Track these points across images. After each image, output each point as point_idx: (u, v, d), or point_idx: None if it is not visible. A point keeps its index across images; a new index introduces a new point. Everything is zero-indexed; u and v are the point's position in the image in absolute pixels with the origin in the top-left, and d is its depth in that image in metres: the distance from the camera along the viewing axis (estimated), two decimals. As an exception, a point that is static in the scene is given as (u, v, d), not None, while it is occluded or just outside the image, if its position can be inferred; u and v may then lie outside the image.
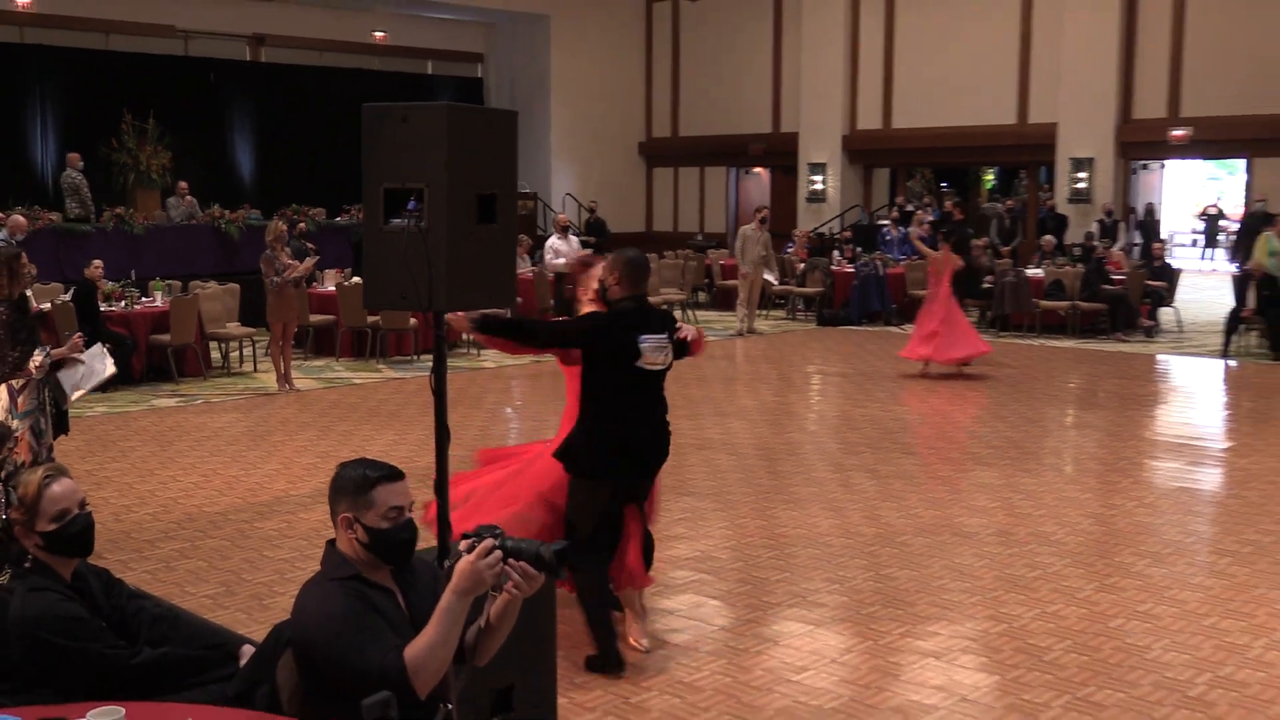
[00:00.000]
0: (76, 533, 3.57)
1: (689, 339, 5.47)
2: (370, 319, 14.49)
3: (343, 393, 12.70)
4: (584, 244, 17.56)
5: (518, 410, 12.34)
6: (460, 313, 4.99)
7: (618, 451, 5.37)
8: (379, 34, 25.60)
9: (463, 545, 2.95)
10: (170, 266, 15.98)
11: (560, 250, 15.50)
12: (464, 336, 13.48)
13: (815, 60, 24.21)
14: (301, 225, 17.13)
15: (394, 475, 3.14)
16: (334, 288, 14.95)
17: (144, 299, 13.68)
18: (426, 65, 27.33)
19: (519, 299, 16.56)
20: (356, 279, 14.49)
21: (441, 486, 4.17)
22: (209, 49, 23.60)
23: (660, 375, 5.44)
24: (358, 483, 3.10)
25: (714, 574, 6.79)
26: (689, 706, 5.06)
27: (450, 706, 3.13)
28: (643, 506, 5.67)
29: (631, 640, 5.63)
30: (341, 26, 24.88)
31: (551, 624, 4.24)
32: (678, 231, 26.71)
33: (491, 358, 15.14)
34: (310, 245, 14.84)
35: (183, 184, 18.86)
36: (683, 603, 6.37)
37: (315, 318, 14.72)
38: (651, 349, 5.24)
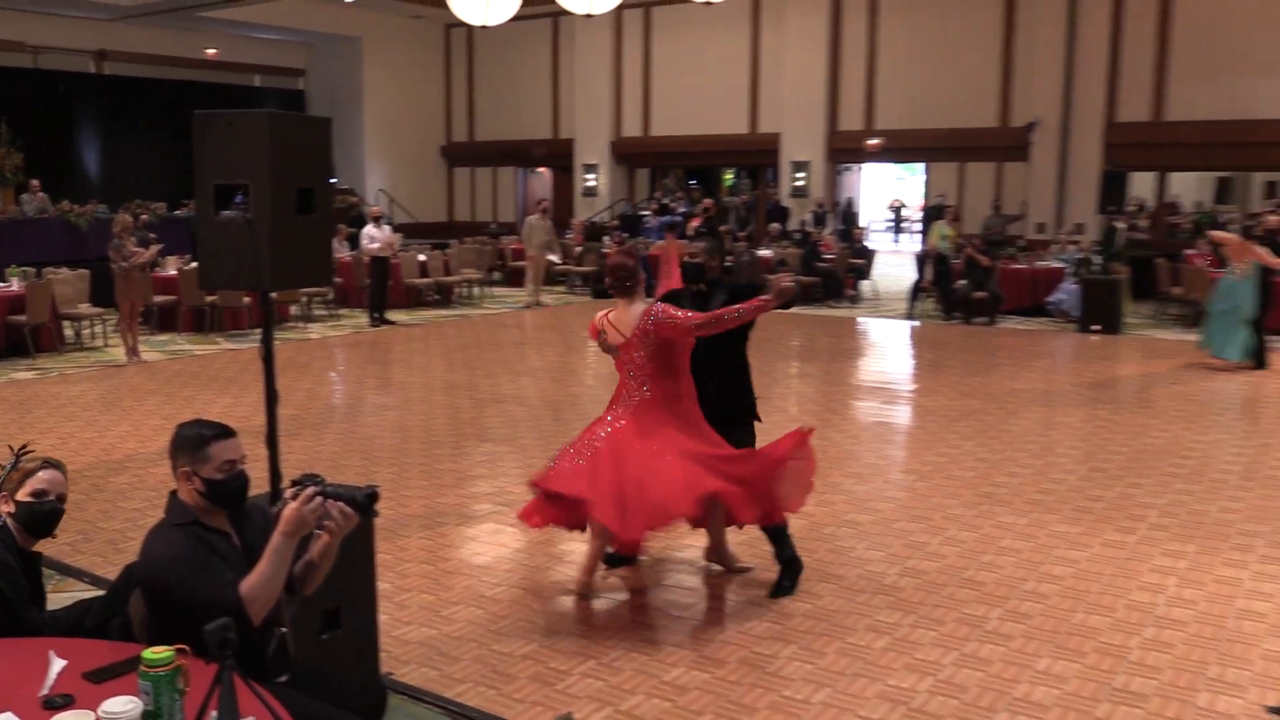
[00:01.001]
0: (44, 512, 3.42)
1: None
2: (208, 298, 13.86)
3: (185, 363, 12.11)
4: (395, 229, 17.14)
5: (340, 374, 11.98)
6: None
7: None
8: (210, 51, 24.36)
9: (288, 493, 2.86)
10: (25, 255, 14.90)
11: (375, 236, 15.06)
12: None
13: (586, 79, 24.17)
14: (144, 217, 16.28)
15: (227, 433, 3.00)
16: (175, 272, 14.24)
17: (1, 284, 12.77)
18: (254, 79, 26.19)
19: (339, 279, 16.19)
20: (195, 264, 13.82)
21: (272, 441, 4.01)
22: (57, 63, 22.13)
23: None
24: (194, 440, 2.96)
25: (510, 505, 6.73)
26: (490, 616, 5.03)
27: (284, 630, 3.03)
28: None
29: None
30: (176, 44, 23.62)
31: (371, 554, 4.14)
32: (475, 221, 26.35)
33: (316, 330, 14.68)
34: (152, 235, 14.13)
35: (34, 182, 17.63)
36: (484, 530, 6.32)
37: (159, 298, 13.98)
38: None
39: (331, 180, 4.21)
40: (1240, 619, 4.99)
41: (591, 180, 24.46)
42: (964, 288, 15.58)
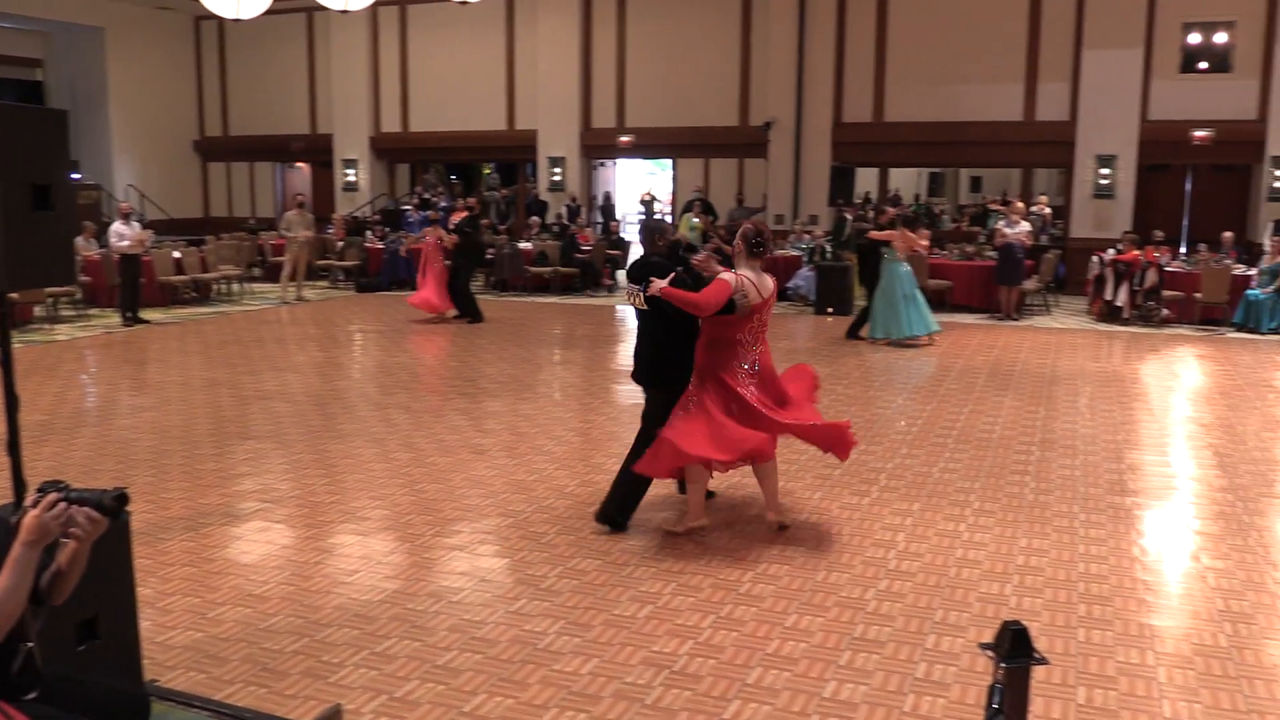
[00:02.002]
0: None
1: (655, 293, 5.51)
2: (-60, 300, 12.59)
3: (-84, 368, 10.96)
4: (146, 226, 16.08)
5: (92, 376, 11.15)
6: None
7: None
8: (-66, 39, 22.16)
9: (29, 500, 2.63)
10: None
11: (124, 234, 14.07)
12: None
13: (344, 74, 23.41)
14: None
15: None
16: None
17: None
18: (-15, 69, 23.99)
19: (87, 278, 15.07)
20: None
21: (14, 448, 3.69)
22: None
23: (646, 314, 5.75)
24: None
25: (276, 502, 6.47)
26: (259, 614, 4.80)
27: (30, 645, 2.78)
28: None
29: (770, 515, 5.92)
30: (-106, 30, 21.34)
31: (128, 559, 3.86)
32: (232, 216, 25.09)
33: (64, 331, 13.62)
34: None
35: None
36: (249, 529, 6.03)
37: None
38: (623, 289, 5.67)
39: (74, 176, 3.90)
40: (960, 567, 5.37)
41: (351, 175, 23.74)
42: (712, 276, 16.03)
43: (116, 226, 14.34)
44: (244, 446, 7.80)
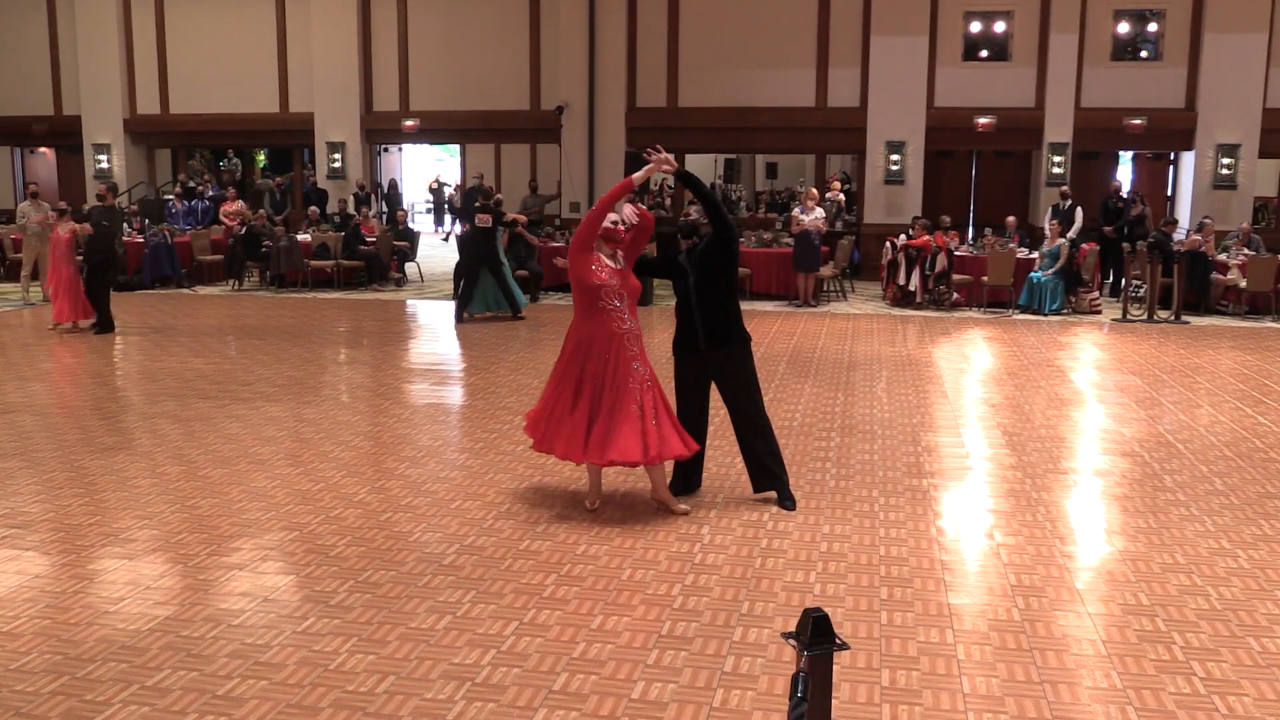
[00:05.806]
0: None
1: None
2: None
3: None
4: None
5: None
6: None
7: None
8: None
9: None
10: None
11: None
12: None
13: (91, 50, 22.02)
14: None
15: None
16: None
17: None
18: None
19: None
20: None
21: None
22: None
23: (704, 279, 6.33)
24: None
25: (25, 527, 6.04)
26: (10, 654, 4.46)
27: None
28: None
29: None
30: None
31: None
32: (-36, 209, 23.30)
33: None
34: None
35: None
36: (-6, 557, 5.61)
37: None
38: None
39: None
40: (765, 557, 5.54)
41: (104, 162, 22.40)
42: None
43: None
44: (-15, 467, 7.25)
